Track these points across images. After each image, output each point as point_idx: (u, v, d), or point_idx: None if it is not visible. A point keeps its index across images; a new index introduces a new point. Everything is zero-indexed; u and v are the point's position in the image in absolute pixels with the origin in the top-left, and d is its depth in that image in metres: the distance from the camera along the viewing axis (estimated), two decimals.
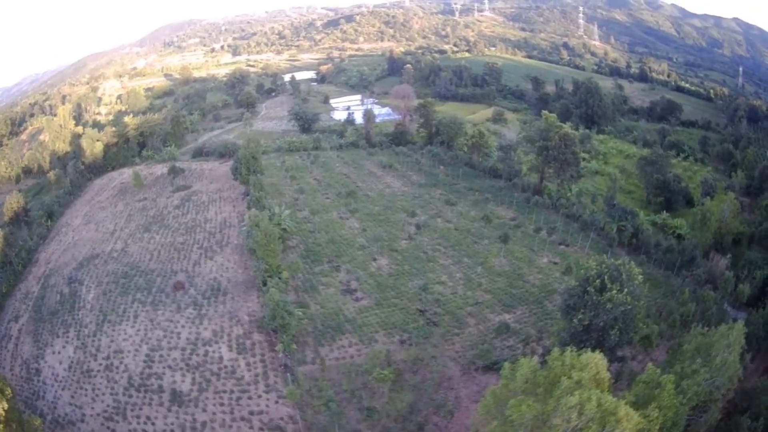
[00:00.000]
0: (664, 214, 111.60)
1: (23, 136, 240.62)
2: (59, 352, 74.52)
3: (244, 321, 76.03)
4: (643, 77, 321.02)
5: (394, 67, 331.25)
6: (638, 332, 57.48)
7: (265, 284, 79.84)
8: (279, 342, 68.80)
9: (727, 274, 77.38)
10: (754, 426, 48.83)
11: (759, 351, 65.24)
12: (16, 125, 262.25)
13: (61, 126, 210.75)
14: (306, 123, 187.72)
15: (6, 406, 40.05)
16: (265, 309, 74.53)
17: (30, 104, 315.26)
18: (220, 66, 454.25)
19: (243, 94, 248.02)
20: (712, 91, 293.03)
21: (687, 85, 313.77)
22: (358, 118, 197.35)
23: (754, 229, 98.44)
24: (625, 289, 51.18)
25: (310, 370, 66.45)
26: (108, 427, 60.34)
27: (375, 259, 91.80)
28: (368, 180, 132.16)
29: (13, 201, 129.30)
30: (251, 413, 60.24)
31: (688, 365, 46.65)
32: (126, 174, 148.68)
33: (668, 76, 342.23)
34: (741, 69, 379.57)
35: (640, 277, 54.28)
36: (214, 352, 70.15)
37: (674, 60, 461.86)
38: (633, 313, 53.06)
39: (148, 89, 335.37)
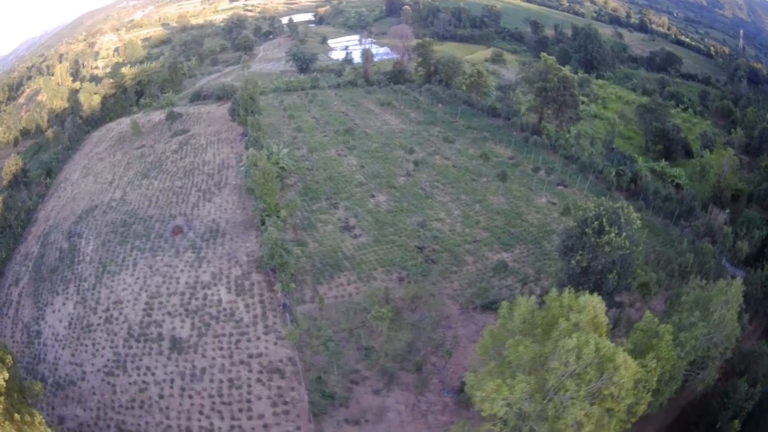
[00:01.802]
0: (663, 163, 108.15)
1: (21, 100, 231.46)
2: (59, 310, 72.28)
3: (243, 262, 73.86)
4: (643, 28, 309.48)
5: (392, 8, 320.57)
6: (636, 278, 55.69)
7: (263, 223, 77.34)
8: (278, 281, 66.82)
9: (726, 229, 75.08)
10: (751, 392, 47.11)
11: (757, 313, 63.52)
12: (14, 90, 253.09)
13: (58, 84, 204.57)
14: (304, 63, 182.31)
15: (6, 375, 37.45)
16: (263, 248, 71.98)
17: (27, 68, 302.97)
18: (218, 12, 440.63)
19: (241, 37, 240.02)
20: (712, 48, 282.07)
21: (687, 40, 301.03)
22: (357, 58, 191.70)
23: (754, 188, 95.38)
24: (624, 233, 48.89)
25: (309, 310, 64.71)
26: (108, 383, 58.72)
27: (373, 196, 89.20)
28: (366, 118, 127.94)
29: (12, 164, 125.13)
30: (250, 356, 58.65)
31: (686, 317, 45.11)
32: (124, 123, 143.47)
33: (668, 29, 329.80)
34: (742, 32, 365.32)
35: (639, 222, 51.87)
36: (213, 294, 68.20)
37: (674, 15, 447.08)
38: (631, 259, 50.93)
39: (145, 39, 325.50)
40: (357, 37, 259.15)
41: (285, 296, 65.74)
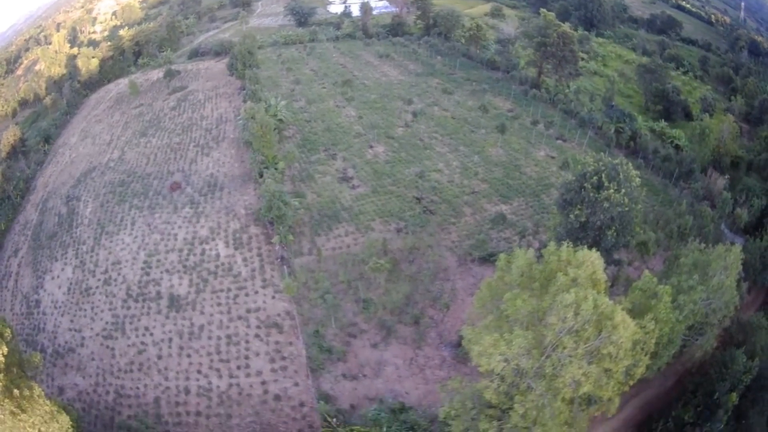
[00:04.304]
0: (663, 123, 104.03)
1: (19, 71, 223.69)
2: (58, 276, 70.27)
3: (241, 215, 72.03)
4: None
5: None
6: (635, 236, 53.78)
7: (261, 176, 75.48)
8: (276, 234, 64.79)
9: (725, 194, 72.27)
10: (749, 365, 45.46)
11: (755, 283, 61.30)
12: (12, 63, 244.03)
13: (56, 52, 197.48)
14: (302, 17, 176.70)
15: (5, 350, 35.46)
16: (261, 201, 70.02)
17: (25, 40, 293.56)
18: None
19: None
20: (713, 16, 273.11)
21: (688, 6, 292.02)
22: (355, 11, 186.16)
23: (753, 156, 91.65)
24: (623, 190, 46.92)
25: (307, 262, 63.18)
26: (107, 347, 57.29)
27: (371, 147, 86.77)
28: (365, 69, 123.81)
29: (10, 135, 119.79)
30: (248, 311, 57.27)
31: (685, 280, 43.14)
32: (122, 84, 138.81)
33: None
34: (743, 3, 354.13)
35: (638, 179, 49.53)
36: (211, 249, 66.50)
37: None
38: (630, 216, 49.03)
39: (143, 1, 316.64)
40: None
41: (283, 249, 64.09)
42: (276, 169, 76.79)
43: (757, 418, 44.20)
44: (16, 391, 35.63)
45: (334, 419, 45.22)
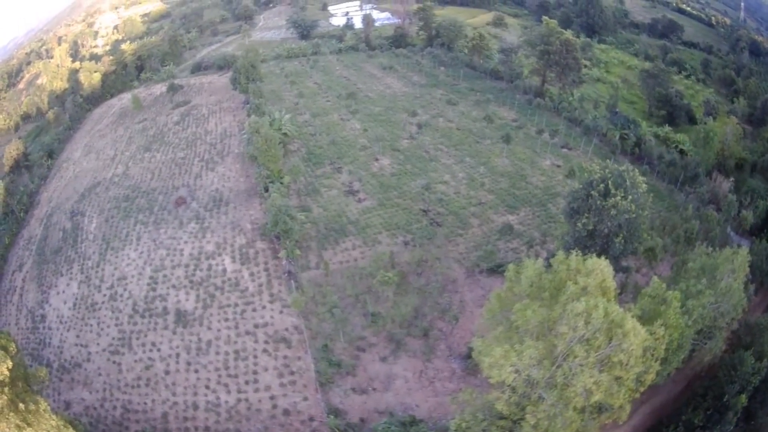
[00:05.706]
0: (667, 128, 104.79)
1: (21, 85, 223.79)
2: (63, 291, 70.84)
3: (247, 230, 72.48)
4: None
5: None
6: (643, 243, 53.99)
7: (266, 190, 76.16)
8: (282, 248, 65.19)
9: (730, 197, 72.54)
10: (758, 366, 45.62)
11: (762, 284, 61.35)
12: (13, 77, 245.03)
13: (58, 66, 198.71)
14: (305, 30, 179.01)
15: (10, 364, 35.67)
16: (267, 215, 70.55)
17: (26, 53, 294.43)
18: None
19: (241, 7, 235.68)
20: (713, 18, 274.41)
21: (688, 9, 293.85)
22: (358, 23, 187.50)
23: (757, 158, 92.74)
24: (630, 197, 47.12)
25: (314, 276, 63.45)
26: (114, 362, 57.65)
27: (377, 159, 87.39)
28: (368, 82, 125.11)
29: (13, 149, 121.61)
30: (256, 326, 57.53)
31: (693, 284, 43.66)
32: (125, 98, 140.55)
33: None
34: (743, 4, 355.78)
35: (644, 185, 49.75)
36: (217, 265, 66.90)
37: None
38: (637, 223, 49.27)
39: (144, 15, 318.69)
40: (357, 2, 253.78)
41: (290, 263, 64.42)
42: (281, 183, 77.38)
43: (766, 419, 44.56)
44: (21, 405, 35.78)
45: None
